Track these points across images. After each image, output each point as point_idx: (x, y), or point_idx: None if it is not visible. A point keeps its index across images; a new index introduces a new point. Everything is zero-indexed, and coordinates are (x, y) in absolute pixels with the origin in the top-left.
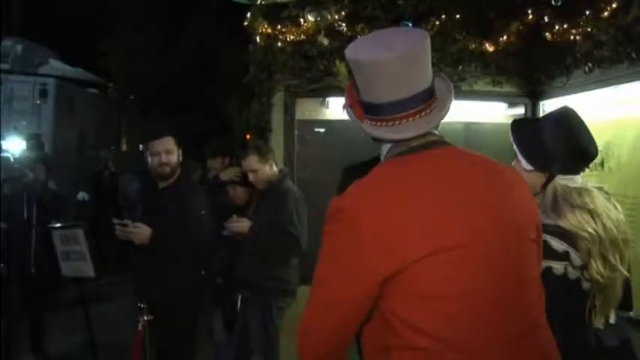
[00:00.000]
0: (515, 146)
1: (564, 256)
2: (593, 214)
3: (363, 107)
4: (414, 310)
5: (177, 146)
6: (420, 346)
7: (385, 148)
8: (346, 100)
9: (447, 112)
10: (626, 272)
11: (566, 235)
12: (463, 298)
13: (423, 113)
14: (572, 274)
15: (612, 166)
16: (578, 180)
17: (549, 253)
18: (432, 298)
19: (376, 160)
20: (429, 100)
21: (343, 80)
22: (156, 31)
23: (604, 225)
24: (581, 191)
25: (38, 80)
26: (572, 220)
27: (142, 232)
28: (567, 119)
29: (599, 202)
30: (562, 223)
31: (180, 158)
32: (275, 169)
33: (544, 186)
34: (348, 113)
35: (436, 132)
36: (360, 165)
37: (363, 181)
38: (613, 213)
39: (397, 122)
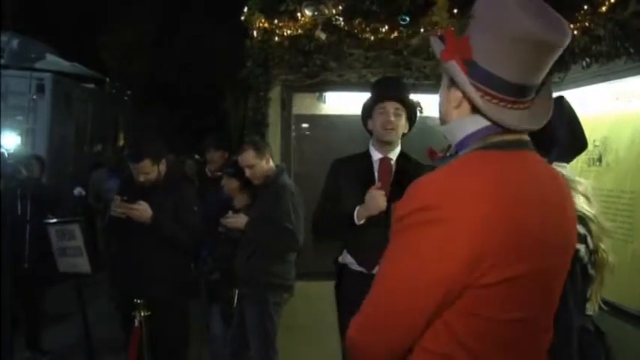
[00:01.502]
0: None
1: (584, 239)
2: (589, 201)
3: (467, 67)
4: (466, 325)
5: (156, 164)
6: (448, 353)
7: (465, 129)
8: (445, 47)
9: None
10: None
11: (582, 217)
12: (517, 324)
13: (523, 105)
14: (586, 258)
15: (610, 161)
16: (568, 169)
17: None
18: (490, 320)
19: (364, 155)
20: (528, 96)
21: (440, 20)
22: (152, 25)
23: (597, 212)
24: (577, 180)
25: (34, 75)
26: (580, 204)
27: (144, 209)
28: (568, 107)
29: (590, 191)
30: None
31: (164, 167)
32: (272, 164)
33: None
34: (449, 66)
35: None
36: (349, 158)
37: (451, 177)
38: (597, 203)
39: (516, 105)
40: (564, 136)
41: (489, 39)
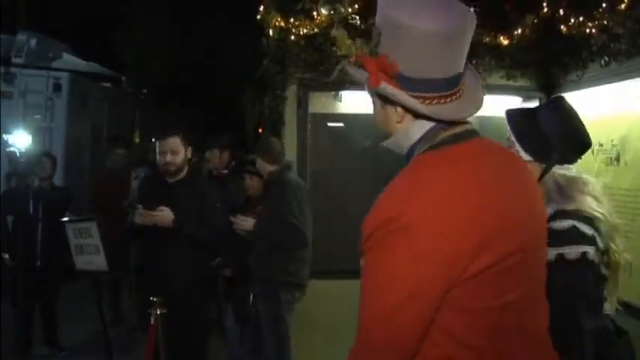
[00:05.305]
0: (511, 136)
1: (593, 240)
2: (598, 200)
3: (398, 82)
4: (454, 319)
5: (184, 145)
6: (449, 355)
7: (412, 137)
8: (369, 73)
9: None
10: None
11: (590, 218)
12: (505, 308)
13: (457, 95)
14: (597, 258)
15: (628, 160)
16: (574, 170)
17: (582, 237)
18: (478, 310)
19: None
20: (459, 84)
21: (346, 51)
22: (169, 24)
23: (607, 211)
24: (583, 179)
25: (52, 74)
26: (588, 204)
27: (166, 215)
28: (562, 106)
29: (599, 189)
30: (581, 207)
31: (190, 155)
32: (276, 165)
33: (540, 177)
34: (382, 89)
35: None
36: None
37: (408, 184)
38: (607, 202)
39: (449, 99)
40: (557, 140)
41: (405, 47)
